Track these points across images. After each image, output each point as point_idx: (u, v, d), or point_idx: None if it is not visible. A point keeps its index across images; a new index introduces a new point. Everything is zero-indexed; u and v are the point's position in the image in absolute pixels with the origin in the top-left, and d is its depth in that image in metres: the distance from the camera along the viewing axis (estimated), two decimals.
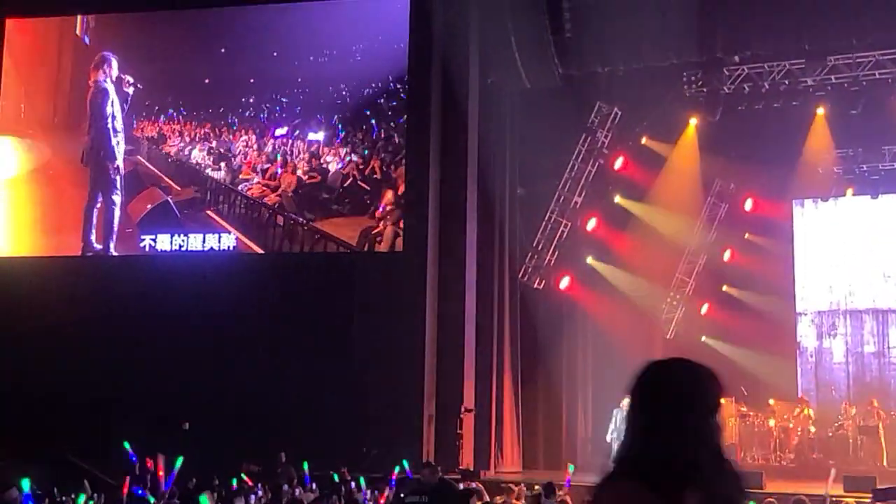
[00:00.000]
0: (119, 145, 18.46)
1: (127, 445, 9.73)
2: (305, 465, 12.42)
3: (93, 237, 18.31)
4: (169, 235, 18.07)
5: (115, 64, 18.58)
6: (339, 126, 18.10)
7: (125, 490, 9.10)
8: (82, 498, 8.80)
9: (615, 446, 16.05)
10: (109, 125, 18.43)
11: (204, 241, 17.95)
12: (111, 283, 17.74)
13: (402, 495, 9.01)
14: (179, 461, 9.74)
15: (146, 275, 17.70)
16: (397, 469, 12.00)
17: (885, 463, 17.47)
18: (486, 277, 17.87)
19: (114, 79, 18.53)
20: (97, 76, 18.55)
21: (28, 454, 14.39)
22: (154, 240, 18.12)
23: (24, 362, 17.19)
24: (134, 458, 9.47)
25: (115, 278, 17.88)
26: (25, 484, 9.85)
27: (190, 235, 18.06)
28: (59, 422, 16.74)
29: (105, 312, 17.32)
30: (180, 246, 18.00)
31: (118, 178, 18.42)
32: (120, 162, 18.44)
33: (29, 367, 17.19)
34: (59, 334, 17.24)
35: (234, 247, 17.86)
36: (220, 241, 17.91)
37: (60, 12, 19.25)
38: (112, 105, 18.46)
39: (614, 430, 16.29)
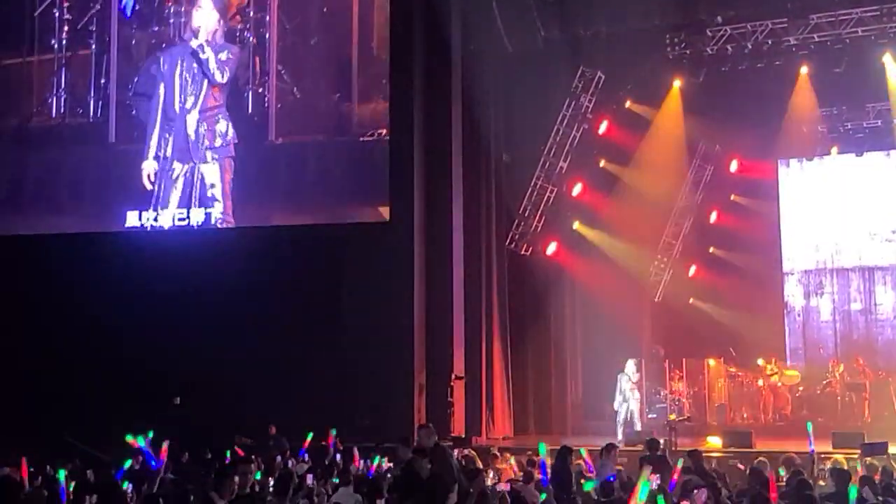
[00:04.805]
0: None
1: (142, 441, 9.16)
2: (309, 436, 12.41)
3: None
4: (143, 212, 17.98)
5: None
6: None
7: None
8: (62, 473, 8.71)
9: (621, 411, 16.14)
10: None
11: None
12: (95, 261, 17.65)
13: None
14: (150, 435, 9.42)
15: (130, 252, 17.60)
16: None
17: (866, 418, 17.63)
18: (473, 245, 17.86)
19: None
20: None
21: (24, 432, 14.40)
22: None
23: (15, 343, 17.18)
24: (150, 456, 8.99)
25: (99, 256, 17.77)
26: None
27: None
28: (51, 401, 16.74)
29: (90, 290, 17.25)
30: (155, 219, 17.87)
31: None
32: None
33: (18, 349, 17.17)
34: (42, 314, 17.21)
35: (220, 220, 17.77)
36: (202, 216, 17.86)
37: None
38: None
39: (620, 394, 16.32)
